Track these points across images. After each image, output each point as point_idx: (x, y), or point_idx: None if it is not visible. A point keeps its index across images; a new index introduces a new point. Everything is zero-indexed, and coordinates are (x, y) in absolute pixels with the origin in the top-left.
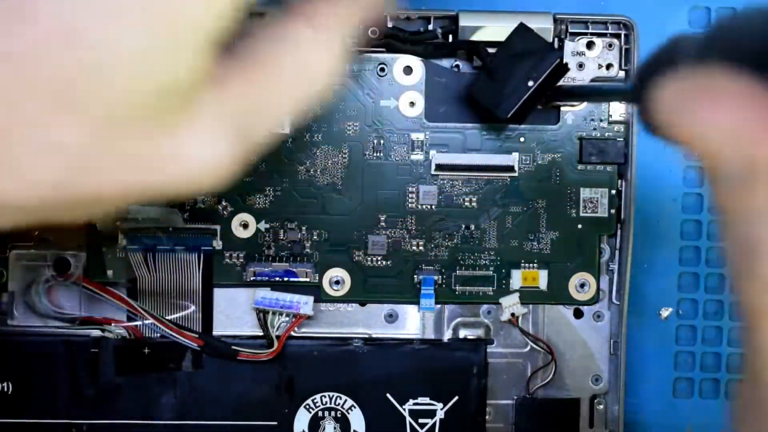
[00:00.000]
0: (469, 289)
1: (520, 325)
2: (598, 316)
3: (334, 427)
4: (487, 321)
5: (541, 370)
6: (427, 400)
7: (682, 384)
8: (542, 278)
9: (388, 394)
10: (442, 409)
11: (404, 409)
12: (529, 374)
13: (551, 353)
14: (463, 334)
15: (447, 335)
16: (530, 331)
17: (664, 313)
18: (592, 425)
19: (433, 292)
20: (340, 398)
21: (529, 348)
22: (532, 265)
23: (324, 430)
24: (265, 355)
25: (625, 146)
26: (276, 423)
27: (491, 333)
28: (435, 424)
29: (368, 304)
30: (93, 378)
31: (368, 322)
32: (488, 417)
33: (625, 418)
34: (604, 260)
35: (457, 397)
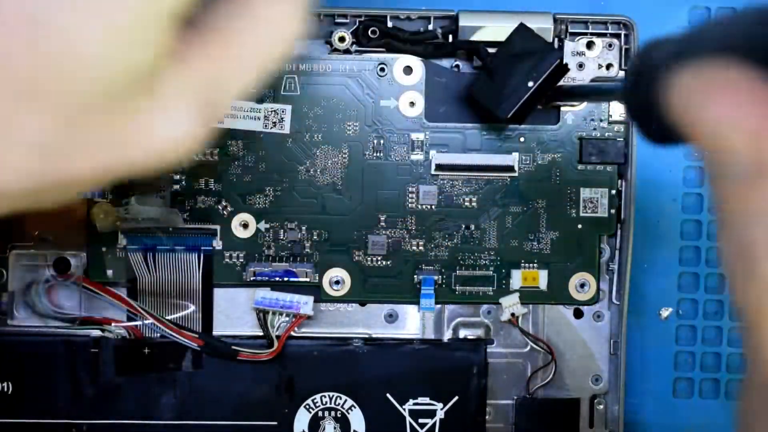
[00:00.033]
0: (469, 289)
1: (520, 325)
2: (598, 316)
3: (334, 427)
4: (487, 321)
5: (541, 370)
6: (427, 400)
7: (682, 384)
8: (542, 278)
9: (388, 394)
10: (442, 409)
11: (404, 409)
12: (529, 374)
13: (551, 353)
14: (463, 334)
15: (447, 335)
16: (530, 331)
17: (664, 313)
18: (592, 425)
19: (433, 292)
20: (340, 398)
21: (529, 348)
22: (532, 265)
23: (324, 430)
24: (265, 355)
25: (625, 146)
26: (276, 423)
27: (491, 333)
28: (435, 424)
29: (368, 304)
30: (93, 378)
31: (368, 322)
32: (488, 417)
33: (625, 418)
34: (604, 260)
35: (457, 397)
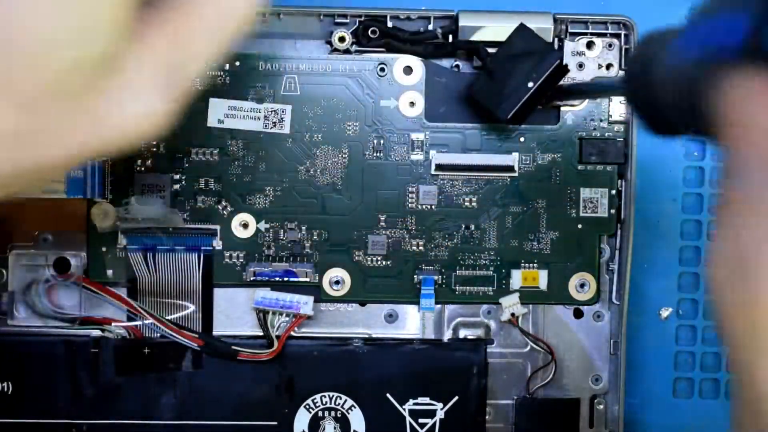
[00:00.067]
0: (469, 289)
1: (520, 325)
2: (598, 316)
3: (334, 427)
4: (487, 321)
5: (541, 370)
6: (427, 400)
7: (682, 384)
8: (542, 278)
9: (388, 394)
10: (442, 409)
11: (404, 409)
12: (529, 374)
13: (551, 353)
14: (463, 334)
15: (447, 335)
16: (530, 331)
17: (664, 313)
18: (592, 425)
19: (433, 292)
20: (340, 398)
21: (529, 348)
22: (532, 265)
23: (324, 430)
24: (265, 355)
25: (625, 146)
26: (276, 423)
27: (491, 333)
28: (435, 424)
29: (368, 304)
30: (93, 378)
31: (368, 322)
32: (488, 417)
33: (625, 418)
34: (604, 260)
35: (457, 397)
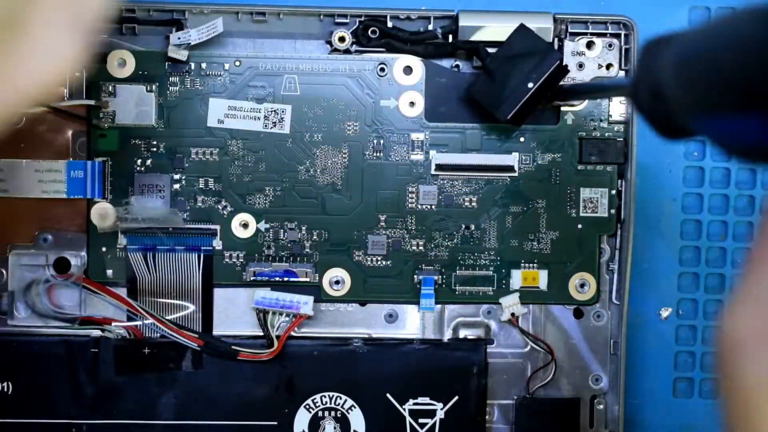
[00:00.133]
0: (469, 289)
1: (520, 325)
2: (598, 316)
3: (334, 427)
4: (487, 321)
5: (541, 370)
6: (427, 400)
7: (682, 384)
8: (542, 278)
9: (388, 394)
10: (442, 409)
11: (404, 409)
12: (529, 374)
13: (551, 353)
14: (463, 334)
15: (447, 335)
16: (530, 331)
17: (664, 313)
18: (592, 425)
19: (433, 292)
20: (340, 398)
21: (529, 348)
22: (532, 265)
23: (324, 430)
24: (265, 355)
25: (625, 146)
26: (276, 423)
27: (491, 333)
28: (435, 424)
29: (368, 304)
30: (93, 378)
31: (368, 322)
32: (488, 417)
33: (625, 418)
34: (604, 260)
35: (457, 397)
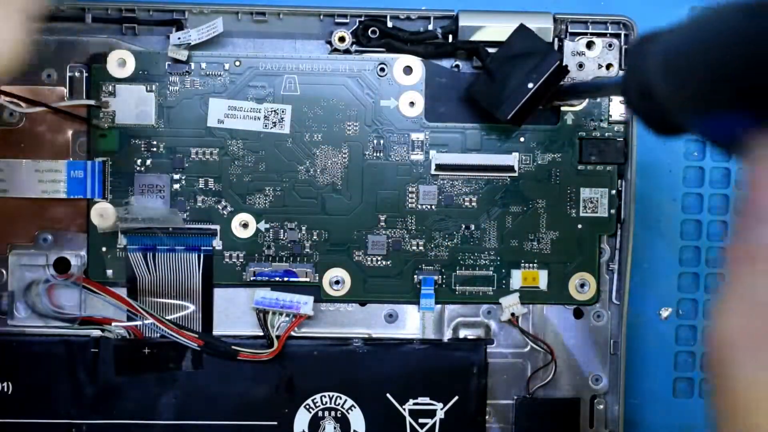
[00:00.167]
0: (469, 289)
1: (520, 325)
2: (598, 316)
3: (334, 427)
4: (487, 321)
5: (541, 370)
6: (427, 400)
7: (682, 384)
8: (542, 278)
9: (388, 394)
10: (442, 409)
11: (404, 409)
12: (529, 374)
13: (551, 353)
14: (463, 334)
15: (447, 335)
16: (530, 331)
17: (664, 313)
18: (592, 425)
19: (433, 292)
20: (340, 398)
21: (529, 348)
22: (532, 265)
23: (324, 430)
24: (265, 355)
25: (625, 146)
26: (276, 423)
27: (491, 333)
28: (435, 424)
29: (368, 304)
30: (93, 378)
31: (368, 322)
32: (488, 417)
33: (625, 418)
34: (604, 260)
35: (457, 397)
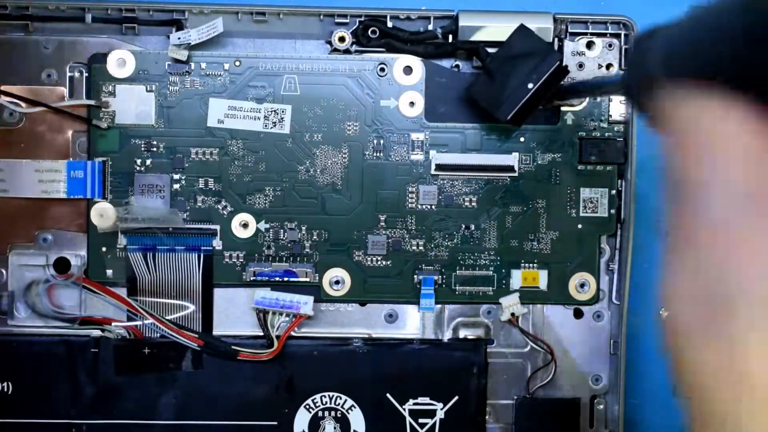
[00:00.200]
0: (469, 289)
1: (520, 325)
2: (598, 316)
3: (334, 427)
4: (487, 321)
5: (541, 370)
6: (427, 400)
7: None
8: (542, 278)
9: (388, 394)
10: (442, 409)
11: (404, 409)
12: (529, 374)
13: (551, 353)
14: (463, 334)
15: (447, 335)
16: (530, 331)
17: (664, 314)
18: (592, 425)
19: (433, 292)
20: (340, 398)
21: (529, 348)
22: (532, 265)
23: (324, 430)
24: (265, 355)
25: (625, 146)
26: (276, 423)
27: (491, 333)
28: (435, 424)
29: (368, 304)
30: (93, 378)
31: (368, 322)
32: (488, 417)
33: (625, 418)
34: (604, 260)
35: (457, 397)
